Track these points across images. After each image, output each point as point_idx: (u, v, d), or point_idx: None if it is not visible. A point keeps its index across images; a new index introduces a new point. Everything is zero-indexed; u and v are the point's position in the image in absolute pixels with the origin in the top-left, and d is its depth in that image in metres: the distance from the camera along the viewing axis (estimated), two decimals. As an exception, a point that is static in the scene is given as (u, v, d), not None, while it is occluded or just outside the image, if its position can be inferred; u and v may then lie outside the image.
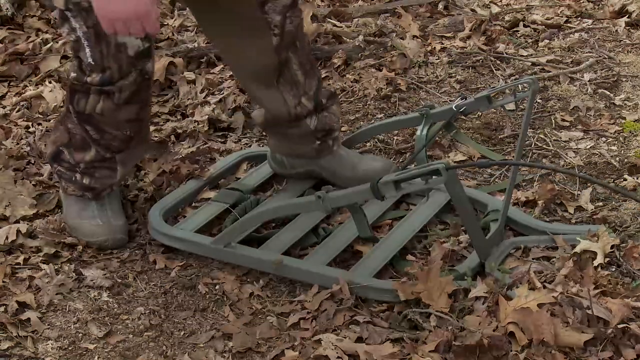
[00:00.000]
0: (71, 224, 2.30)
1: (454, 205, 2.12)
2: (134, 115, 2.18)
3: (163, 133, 2.77)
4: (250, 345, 1.92)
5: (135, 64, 2.08)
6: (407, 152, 2.68)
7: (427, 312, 1.91)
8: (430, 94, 3.04)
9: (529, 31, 3.47)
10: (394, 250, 2.15)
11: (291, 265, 2.10)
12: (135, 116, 2.18)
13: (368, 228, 2.00)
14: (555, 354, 1.76)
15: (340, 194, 1.94)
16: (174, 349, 1.93)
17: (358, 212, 1.98)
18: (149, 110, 2.30)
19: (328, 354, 1.82)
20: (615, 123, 2.78)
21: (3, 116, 2.87)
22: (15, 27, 3.41)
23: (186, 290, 2.11)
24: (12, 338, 1.95)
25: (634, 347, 1.78)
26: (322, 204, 1.96)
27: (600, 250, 2.04)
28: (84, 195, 2.29)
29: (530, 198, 2.37)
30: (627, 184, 2.43)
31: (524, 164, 2.37)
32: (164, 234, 2.25)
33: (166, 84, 3.11)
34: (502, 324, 1.82)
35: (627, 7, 3.56)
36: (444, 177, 1.81)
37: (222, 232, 2.18)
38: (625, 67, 3.14)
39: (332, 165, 2.40)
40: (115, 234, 2.27)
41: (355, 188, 1.94)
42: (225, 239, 2.15)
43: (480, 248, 2.06)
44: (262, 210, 2.06)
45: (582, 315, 1.82)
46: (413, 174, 1.84)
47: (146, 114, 2.27)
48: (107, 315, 2.04)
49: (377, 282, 2.02)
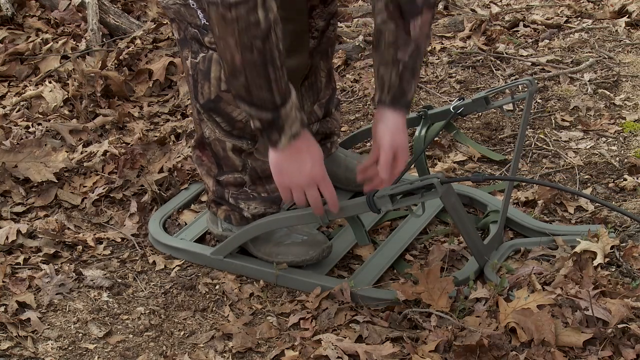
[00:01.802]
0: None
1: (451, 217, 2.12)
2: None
3: (163, 133, 2.77)
4: (250, 345, 1.92)
5: None
6: (407, 152, 2.68)
7: (427, 312, 1.91)
8: (430, 94, 3.04)
9: (529, 31, 3.47)
10: (395, 255, 2.15)
11: (292, 275, 2.10)
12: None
13: (366, 236, 2.01)
14: (555, 353, 1.76)
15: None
16: (174, 349, 1.93)
17: (355, 222, 1.99)
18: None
19: (328, 354, 1.82)
20: (615, 123, 2.78)
21: (3, 116, 2.87)
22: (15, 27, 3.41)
23: (186, 290, 2.12)
24: (12, 338, 1.95)
25: (633, 347, 1.78)
26: (319, 216, 1.96)
27: (600, 251, 2.04)
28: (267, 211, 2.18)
29: (530, 198, 2.37)
30: (627, 184, 2.43)
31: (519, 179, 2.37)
32: (164, 244, 2.26)
33: (166, 84, 3.11)
34: (502, 324, 1.82)
35: (627, 7, 3.56)
36: (439, 191, 1.83)
37: (221, 243, 2.18)
38: (625, 67, 3.14)
39: (331, 167, 2.39)
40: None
41: (352, 201, 1.95)
42: (225, 250, 2.16)
43: (479, 256, 2.06)
44: (260, 223, 2.06)
45: (582, 315, 1.83)
46: (408, 189, 1.85)
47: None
48: (107, 315, 2.04)
49: (378, 292, 2.02)
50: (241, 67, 1.71)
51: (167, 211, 2.38)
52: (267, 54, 1.70)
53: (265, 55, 1.70)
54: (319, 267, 2.13)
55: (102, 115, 2.88)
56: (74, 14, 3.46)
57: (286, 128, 1.78)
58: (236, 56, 1.70)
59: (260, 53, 1.69)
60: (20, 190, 2.47)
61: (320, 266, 2.13)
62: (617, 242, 2.09)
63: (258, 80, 1.72)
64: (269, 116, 1.76)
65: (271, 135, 1.80)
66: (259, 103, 1.75)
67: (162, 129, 2.82)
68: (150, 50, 3.23)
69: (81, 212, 2.44)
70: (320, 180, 1.86)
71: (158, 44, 3.29)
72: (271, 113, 1.76)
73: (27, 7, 3.51)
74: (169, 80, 3.11)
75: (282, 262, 2.11)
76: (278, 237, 2.14)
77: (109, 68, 3.08)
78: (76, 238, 2.30)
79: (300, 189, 1.87)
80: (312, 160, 1.84)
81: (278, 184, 1.88)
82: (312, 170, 1.84)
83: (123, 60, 3.13)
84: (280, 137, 1.79)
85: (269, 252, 2.13)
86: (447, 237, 2.25)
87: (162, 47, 3.28)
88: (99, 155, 2.61)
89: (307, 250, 2.10)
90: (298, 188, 1.87)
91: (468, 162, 2.62)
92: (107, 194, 2.49)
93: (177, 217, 2.38)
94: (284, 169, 1.85)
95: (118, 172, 2.54)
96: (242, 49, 1.69)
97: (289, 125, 1.78)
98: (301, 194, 1.88)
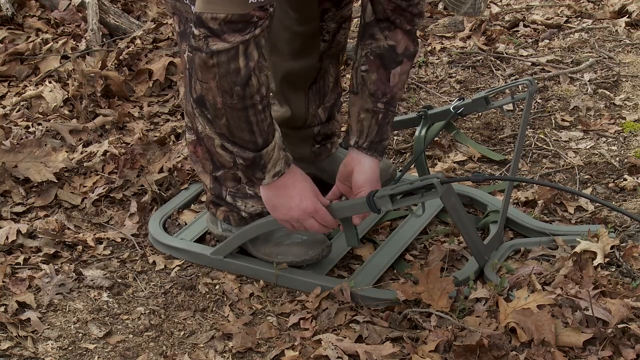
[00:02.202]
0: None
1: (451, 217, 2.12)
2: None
3: (163, 133, 2.77)
4: (250, 345, 1.92)
5: None
6: (407, 152, 2.69)
7: (427, 312, 1.91)
8: (430, 94, 3.04)
9: (529, 31, 3.47)
10: (395, 255, 2.16)
11: (292, 275, 2.10)
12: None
13: (357, 238, 2.02)
14: (555, 353, 1.76)
15: (336, 206, 1.96)
16: (174, 349, 1.93)
17: (348, 222, 2.00)
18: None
19: (328, 354, 1.82)
20: (615, 123, 2.78)
21: (3, 116, 2.87)
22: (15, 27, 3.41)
23: (186, 290, 2.12)
24: (12, 338, 1.95)
25: (633, 347, 1.78)
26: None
27: (600, 251, 2.04)
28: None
29: (530, 198, 2.37)
30: (627, 184, 2.43)
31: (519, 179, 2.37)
32: (164, 244, 2.26)
33: (166, 84, 3.11)
34: (502, 324, 1.82)
35: (627, 7, 3.56)
36: (439, 191, 1.83)
37: (221, 243, 2.18)
38: (625, 67, 3.14)
39: (331, 167, 2.40)
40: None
41: (352, 201, 1.95)
42: (225, 250, 2.16)
43: (479, 256, 2.06)
44: (259, 223, 2.07)
45: (582, 315, 1.83)
46: (408, 189, 1.86)
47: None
48: (107, 315, 2.04)
49: (378, 292, 2.02)
50: (222, 110, 1.77)
51: (167, 211, 2.38)
52: (247, 98, 1.76)
53: (245, 100, 1.75)
54: (319, 267, 2.13)
55: (102, 115, 2.88)
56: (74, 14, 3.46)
57: (269, 167, 1.85)
58: (217, 99, 1.75)
59: (240, 98, 1.75)
60: (20, 190, 2.47)
61: (320, 266, 2.13)
62: (617, 242, 2.09)
63: (239, 122, 1.78)
64: (251, 156, 1.82)
65: (255, 174, 1.86)
66: (241, 143, 1.81)
67: (162, 129, 2.82)
68: (150, 50, 3.23)
69: (81, 212, 2.44)
70: (312, 212, 1.92)
71: (158, 44, 3.29)
72: (253, 153, 1.82)
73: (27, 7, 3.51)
74: (169, 80, 3.11)
75: (281, 262, 2.11)
76: (277, 237, 2.14)
77: (109, 68, 3.08)
78: (76, 238, 2.30)
79: (296, 222, 1.93)
80: (299, 194, 1.89)
81: (276, 218, 1.96)
82: (301, 205, 1.90)
83: (123, 60, 3.12)
84: (264, 175, 1.86)
85: (268, 253, 2.13)
86: (447, 237, 2.25)
87: (162, 47, 3.28)
88: (99, 155, 2.61)
89: (306, 250, 2.10)
90: (294, 222, 1.94)
91: (468, 162, 2.62)
92: (107, 194, 2.49)
93: (177, 217, 2.38)
94: (276, 205, 1.92)
95: (118, 172, 2.54)
96: (222, 92, 1.75)
97: (272, 164, 1.85)
98: (300, 225, 1.94)
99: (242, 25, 1.70)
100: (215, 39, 1.70)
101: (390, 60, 2.01)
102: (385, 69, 2.01)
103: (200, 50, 1.71)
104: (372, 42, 2.02)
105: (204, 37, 1.70)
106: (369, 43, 2.03)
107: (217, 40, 1.70)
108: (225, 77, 1.73)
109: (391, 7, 1.98)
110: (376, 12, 2.00)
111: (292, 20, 2.13)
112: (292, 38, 2.18)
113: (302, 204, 1.90)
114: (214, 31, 1.69)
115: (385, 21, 2.00)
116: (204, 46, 1.71)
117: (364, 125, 2.03)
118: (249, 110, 1.77)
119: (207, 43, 1.70)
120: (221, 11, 1.68)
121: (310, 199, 1.91)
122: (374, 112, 2.03)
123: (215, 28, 1.69)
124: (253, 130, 1.79)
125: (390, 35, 2.01)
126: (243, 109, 1.76)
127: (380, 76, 2.02)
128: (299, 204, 1.90)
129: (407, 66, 2.05)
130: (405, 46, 2.02)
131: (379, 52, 2.01)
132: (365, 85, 2.03)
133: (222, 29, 1.69)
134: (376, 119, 2.03)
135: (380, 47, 2.01)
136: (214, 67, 1.72)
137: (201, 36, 1.71)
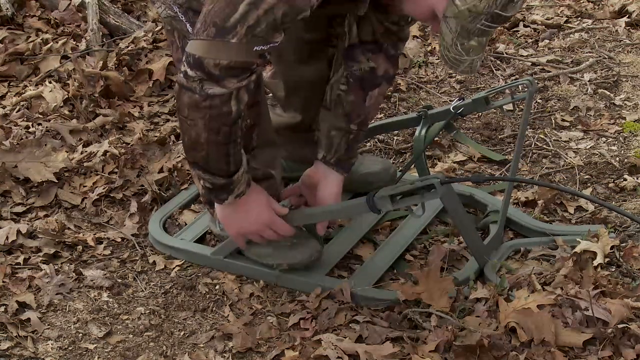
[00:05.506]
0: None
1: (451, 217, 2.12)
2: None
3: (163, 133, 2.77)
4: (250, 345, 1.92)
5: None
6: (407, 152, 2.69)
7: (427, 312, 1.91)
8: (430, 94, 3.04)
9: (529, 31, 3.47)
10: (395, 255, 2.15)
11: (292, 275, 2.10)
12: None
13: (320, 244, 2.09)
14: (555, 353, 1.76)
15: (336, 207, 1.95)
16: (174, 349, 1.93)
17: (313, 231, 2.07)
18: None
19: (328, 354, 1.82)
20: (615, 123, 2.78)
21: (3, 116, 2.86)
22: (15, 27, 3.40)
23: (186, 290, 2.12)
24: (12, 338, 1.95)
25: (633, 347, 1.78)
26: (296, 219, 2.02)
27: (600, 251, 2.04)
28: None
29: (530, 198, 2.37)
30: (627, 184, 2.43)
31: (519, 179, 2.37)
32: (164, 244, 2.25)
33: (166, 84, 3.11)
34: (502, 324, 1.82)
35: (627, 7, 3.56)
36: (439, 191, 1.83)
37: (221, 243, 2.18)
38: (625, 67, 3.14)
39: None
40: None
41: (352, 201, 1.95)
42: (225, 250, 2.16)
43: (479, 256, 2.06)
44: None
45: (582, 315, 1.82)
46: (408, 190, 1.86)
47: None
48: (107, 315, 2.04)
49: (378, 292, 2.02)
50: (205, 145, 1.80)
51: (167, 211, 2.38)
52: (232, 135, 1.80)
53: (230, 137, 1.80)
54: (319, 267, 2.12)
55: (102, 115, 2.88)
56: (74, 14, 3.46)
57: (234, 189, 1.90)
58: (202, 135, 1.79)
59: (226, 135, 1.80)
60: (20, 190, 2.47)
61: (320, 266, 2.13)
62: (617, 242, 2.09)
63: (217, 155, 1.83)
64: (222, 181, 1.87)
65: (219, 195, 1.91)
66: (214, 172, 1.86)
67: (162, 129, 2.82)
68: (150, 50, 3.22)
69: (81, 212, 2.43)
70: (270, 224, 1.98)
71: (158, 44, 3.29)
72: (224, 179, 1.87)
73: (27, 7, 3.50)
74: (169, 80, 3.11)
75: (270, 264, 2.11)
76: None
77: (109, 68, 3.08)
78: (76, 238, 2.30)
79: (253, 234, 2.00)
80: (258, 207, 1.96)
81: (230, 234, 2.02)
82: (260, 217, 1.97)
83: (123, 60, 3.12)
84: (228, 196, 1.91)
85: (258, 253, 2.13)
86: (447, 237, 2.25)
87: (162, 47, 3.28)
88: (99, 155, 2.60)
89: (294, 254, 2.10)
90: (250, 234, 2.00)
91: (468, 162, 2.62)
92: (107, 194, 2.48)
93: (177, 217, 2.38)
94: (231, 220, 1.98)
95: (118, 172, 2.54)
96: (209, 130, 1.78)
97: (237, 187, 1.90)
98: (257, 237, 2.00)
99: (241, 71, 1.72)
100: (211, 83, 1.72)
101: (370, 82, 2.05)
102: (363, 90, 2.05)
103: (193, 91, 1.73)
104: (353, 65, 2.05)
105: (199, 80, 1.72)
106: (351, 65, 2.05)
107: (214, 84, 1.72)
108: (216, 118, 1.76)
109: (382, 30, 2.00)
110: (363, 33, 2.02)
111: (300, 28, 2.13)
112: (301, 45, 2.18)
113: (260, 216, 1.96)
114: (214, 76, 1.71)
115: (371, 44, 2.02)
116: (198, 88, 1.73)
117: (333, 142, 2.08)
118: (230, 145, 1.82)
119: (202, 86, 1.72)
120: (224, 58, 1.69)
121: (269, 211, 1.97)
122: (346, 131, 2.07)
123: (216, 74, 1.71)
124: (229, 161, 1.85)
125: (373, 58, 2.04)
126: (225, 144, 1.81)
127: (357, 98, 2.05)
128: (257, 217, 1.96)
129: (385, 88, 2.09)
130: (385, 69, 2.05)
131: (360, 74, 2.04)
132: (340, 104, 2.06)
133: (222, 74, 1.71)
134: (347, 138, 2.08)
135: (361, 69, 2.04)
136: (205, 109, 1.74)
137: (196, 78, 1.72)
